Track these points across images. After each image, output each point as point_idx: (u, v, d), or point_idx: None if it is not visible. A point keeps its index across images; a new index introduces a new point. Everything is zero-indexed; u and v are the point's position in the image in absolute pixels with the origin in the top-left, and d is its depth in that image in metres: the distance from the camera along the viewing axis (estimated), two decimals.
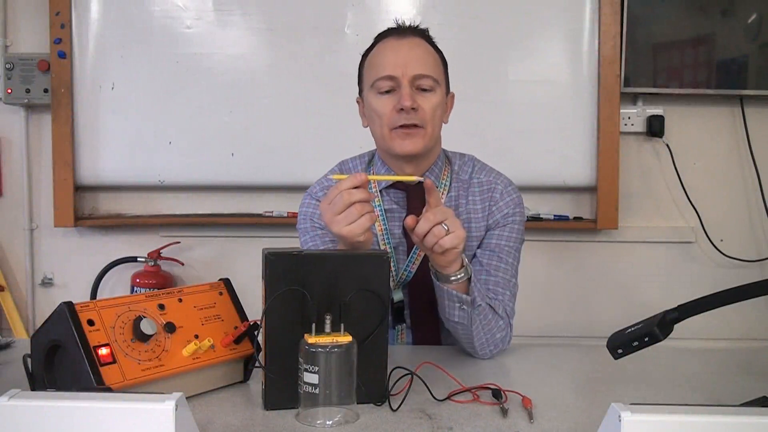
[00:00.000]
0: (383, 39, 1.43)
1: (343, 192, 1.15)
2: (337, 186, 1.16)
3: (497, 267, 1.44)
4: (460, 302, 1.29)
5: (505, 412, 1.04)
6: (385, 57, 1.40)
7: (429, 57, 1.41)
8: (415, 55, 1.38)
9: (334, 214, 1.15)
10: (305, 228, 1.50)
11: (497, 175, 1.53)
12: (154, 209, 2.74)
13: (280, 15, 2.59)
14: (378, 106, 1.40)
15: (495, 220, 1.48)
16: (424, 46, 1.42)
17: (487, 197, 1.49)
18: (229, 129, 2.61)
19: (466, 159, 1.55)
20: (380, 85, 1.39)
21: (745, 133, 2.67)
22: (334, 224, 1.16)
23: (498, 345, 1.38)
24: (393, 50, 1.40)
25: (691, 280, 2.72)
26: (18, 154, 2.73)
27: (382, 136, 1.42)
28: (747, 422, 0.82)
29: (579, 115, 2.60)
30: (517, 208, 1.49)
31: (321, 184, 1.54)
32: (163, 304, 1.11)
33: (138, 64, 2.60)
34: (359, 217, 1.15)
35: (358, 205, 1.15)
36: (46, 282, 2.79)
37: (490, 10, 2.57)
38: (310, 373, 0.98)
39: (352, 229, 1.15)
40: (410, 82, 1.37)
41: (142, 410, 0.82)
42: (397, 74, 1.37)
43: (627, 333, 1.06)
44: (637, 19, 2.55)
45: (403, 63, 1.37)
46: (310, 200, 1.52)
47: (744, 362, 1.36)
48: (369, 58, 1.45)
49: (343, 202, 1.14)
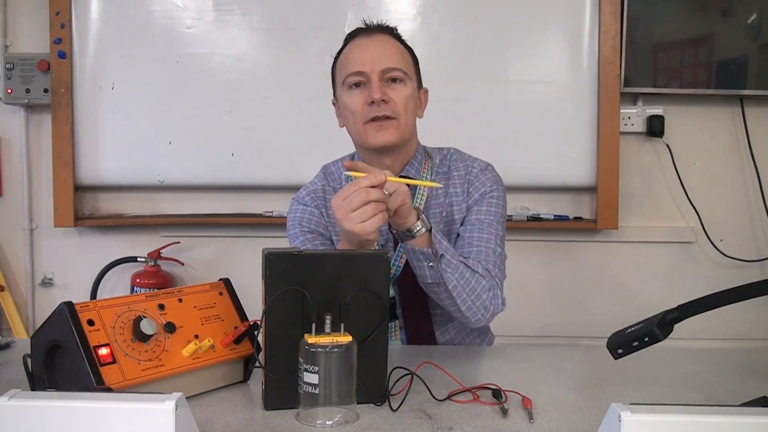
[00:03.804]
0: (352, 39, 1.46)
1: (361, 190, 1.15)
2: (355, 183, 1.17)
3: (479, 238, 1.43)
4: (427, 259, 1.29)
5: (505, 412, 1.04)
6: (354, 54, 1.43)
7: (397, 52, 1.43)
8: (383, 51, 1.42)
9: (348, 210, 1.16)
10: (295, 233, 1.51)
11: (474, 159, 1.55)
12: (154, 209, 2.74)
13: (280, 15, 2.59)
14: (350, 101, 1.42)
15: (474, 200, 1.49)
16: (391, 42, 1.45)
17: (464, 181, 1.51)
18: (229, 129, 2.61)
19: (445, 152, 1.57)
20: (350, 80, 1.41)
21: (745, 133, 2.67)
22: (346, 221, 1.16)
23: (488, 307, 1.35)
24: (360, 47, 1.43)
25: (691, 280, 2.72)
26: (18, 154, 2.73)
27: (357, 131, 1.44)
28: (747, 422, 0.82)
29: (579, 115, 2.60)
30: (495, 185, 1.50)
31: (307, 189, 1.56)
32: (163, 304, 1.11)
33: (138, 64, 2.60)
34: (373, 215, 1.15)
35: (374, 204, 1.16)
36: (46, 282, 2.79)
37: (490, 10, 2.58)
38: (310, 373, 0.98)
39: (365, 227, 1.15)
40: (379, 75, 1.39)
41: (142, 410, 0.82)
42: (365, 69, 1.39)
43: (627, 333, 1.06)
44: (637, 19, 2.55)
45: (371, 58, 1.40)
46: (297, 205, 1.54)
47: (744, 362, 1.36)
48: (339, 58, 1.48)
49: (360, 199, 1.15)
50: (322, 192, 1.54)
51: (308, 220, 1.51)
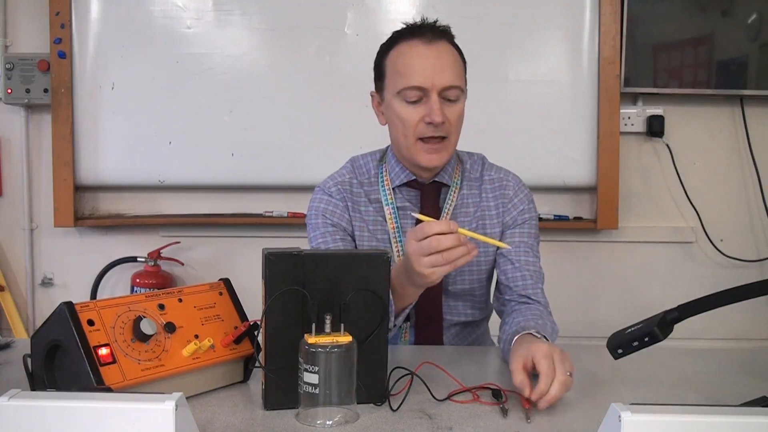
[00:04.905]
0: (409, 40, 1.39)
1: (432, 238, 1.15)
2: (429, 228, 1.15)
3: (527, 261, 1.47)
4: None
5: (505, 412, 1.04)
6: (413, 65, 1.36)
7: (456, 65, 1.38)
8: (443, 65, 1.36)
9: (421, 255, 1.16)
10: (316, 223, 1.48)
11: (506, 172, 1.56)
12: (154, 209, 2.74)
13: (280, 15, 2.59)
14: (405, 115, 1.38)
15: (512, 217, 1.50)
16: (450, 51, 1.39)
17: (499, 194, 1.51)
18: (229, 129, 2.61)
19: (475, 158, 1.57)
20: (408, 95, 1.37)
21: (745, 133, 2.67)
22: (417, 263, 1.17)
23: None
24: (421, 58, 1.36)
25: (691, 280, 2.72)
26: (18, 154, 2.73)
27: (406, 145, 1.41)
28: (747, 422, 0.82)
29: (579, 115, 2.60)
30: (531, 204, 1.54)
31: (334, 180, 1.52)
32: (163, 304, 1.11)
33: (138, 64, 2.60)
34: (444, 264, 1.16)
35: (446, 253, 1.15)
36: (46, 282, 2.79)
37: (490, 10, 2.57)
38: (310, 373, 0.98)
39: (434, 272, 1.16)
40: (439, 92, 1.35)
41: (142, 410, 0.82)
42: (426, 86, 1.35)
43: (627, 333, 1.06)
44: (637, 19, 2.55)
45: (431, 74, 1.35)
46: (322, 195, 1.50)
47: (744, 362, 1.36)
48: (394, 57, 1.41)
49: (431, 247, 1.15)
50: (349, 185, 1.50)
51: (332, 212, 1.48)
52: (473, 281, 1.51)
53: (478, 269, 1.51)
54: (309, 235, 1.50)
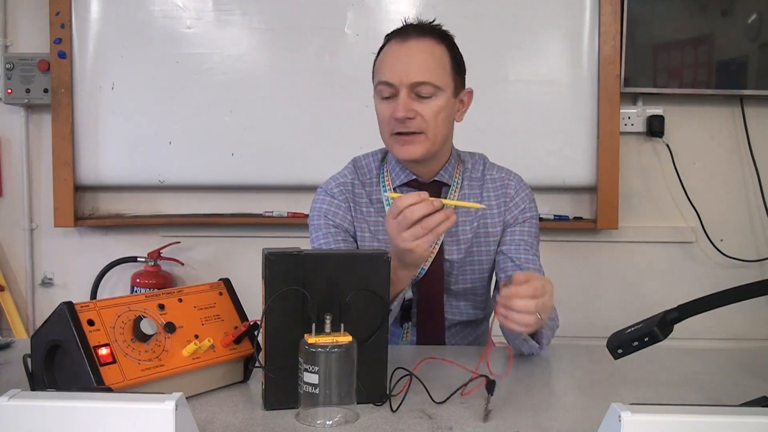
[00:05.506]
0: (389, 40, 1.42)
1: (405, 210, 1.16)
2: (401, 201, 1.17)
3: (527, 259, 1.48)
4: (527, 341, 1.32)
5: (487, 415, 1.03)
6: (386, 62, 1.39)
7: (430, 61, 1.36)
8: (416, 62, 1.35)
9: (399, 231, 1.17)
10: (318, 224, 1.49)
11: (508, 172, 1.56)
12: (154, 209, 2.74)
13: (280, 15, 2.59)
14: (379, 110, 1.41)
15: (513, 216, 1.51)
16: (427, 48, 1.37)
17: (501, 194, 1.52)
18: (229, 129, 2.61)
19: (476, 158, 1.57)
20: (381, 91, 1.39)
21: (745, 133, 2.67)
22: (400, 240, 1.17)
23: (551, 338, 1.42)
24: (394, 55, 1.38)
25: (691, 280, 2.72)
26: (18, 154, 2.73)
27: (384, 140, 1.44)
28: (747, 422, 0.82)
29: (579, 115, 2.60)
30: (532, 204, 1.54)
31: (336, 181, 1.53)
32: (163, 304, 1.11)
33: (138, 64, 2.60)
34: (425, 234, 1.16)
35: (424, 222, 1.16)
36: (46, 282, 2.79)
37: (490, 10, 2.57)
38: (310, 373, 0.98)
39: (418, 245, 1.17)
40: (408, 90, 1.35)
41: (142, 410, 0.82)
42: (394, 81, 1.35)
43: (627, 333, 1.06)
44: (637, 19, 2.55)
45: (401, 70, 1.35)
46: (324, 196, 1.51)
47: (744, 362, 1.36)
48: (377, 58, 1.44)
49: (406, 219, 1.16)
50: (351, 186, 1.51)
51: (334, 213, 1.49)
52: (475, 280, 1.52)
53: (480, 268, 1.51)
54: (311, 236, 1.50)
